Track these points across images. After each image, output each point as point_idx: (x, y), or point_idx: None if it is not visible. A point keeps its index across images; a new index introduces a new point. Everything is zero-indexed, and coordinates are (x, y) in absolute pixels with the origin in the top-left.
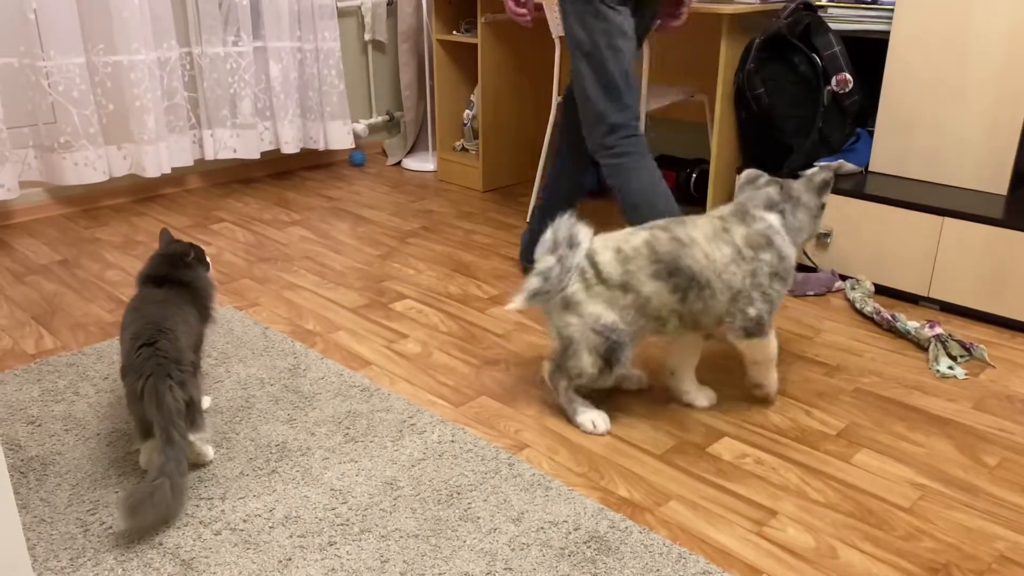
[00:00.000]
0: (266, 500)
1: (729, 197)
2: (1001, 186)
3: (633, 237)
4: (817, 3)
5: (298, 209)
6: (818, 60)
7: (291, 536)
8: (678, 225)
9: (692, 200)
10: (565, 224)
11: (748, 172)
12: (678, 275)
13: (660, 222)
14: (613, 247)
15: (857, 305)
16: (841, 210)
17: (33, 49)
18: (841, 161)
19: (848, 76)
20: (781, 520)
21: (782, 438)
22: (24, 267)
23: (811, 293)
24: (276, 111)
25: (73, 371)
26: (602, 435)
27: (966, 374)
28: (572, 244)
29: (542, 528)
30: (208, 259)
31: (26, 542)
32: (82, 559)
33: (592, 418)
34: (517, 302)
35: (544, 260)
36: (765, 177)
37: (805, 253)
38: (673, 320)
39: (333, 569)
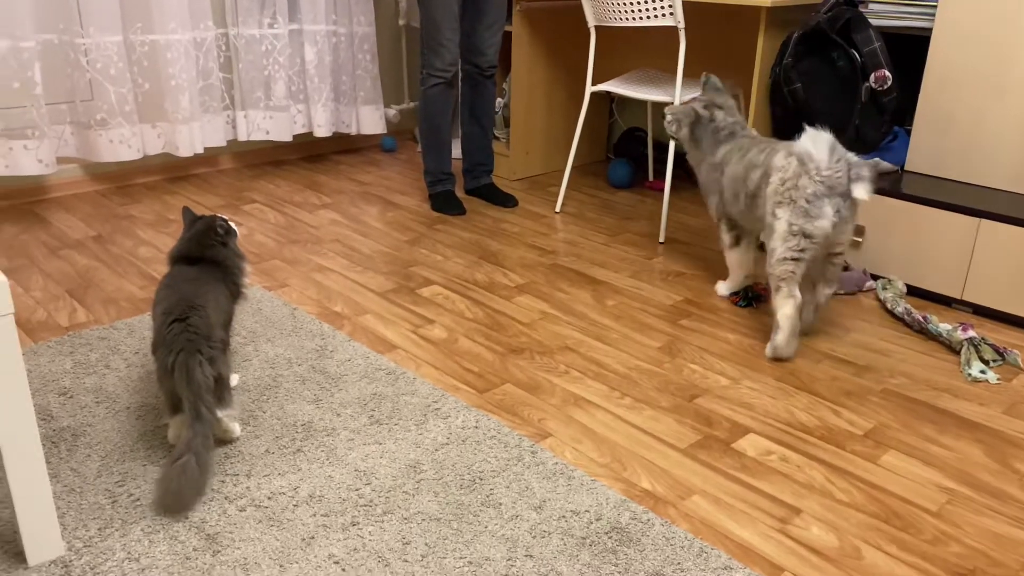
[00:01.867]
0: (291, 478)
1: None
2: None
3: None
4: None
5: (329, 192)
6: (857, 56)
7: (315, 515)
8: None
9: None
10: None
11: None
12: None
13: None
14: None
15: (888, 305)
16: (875, 209)
17: (73, 26)
18: (877, 159)
19: (887, 73)
20: (805, 519)
21: (808, 436)
22: (59, 241)
23: (842, 292)
24: (310, 94)
25: (104, 344)
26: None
27: (998, 379)
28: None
29: (563, 517)
30: (235, 228)
31: (56, 511)
32: (110, 529)
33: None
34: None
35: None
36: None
37: None
38: None
39: (355, 549)
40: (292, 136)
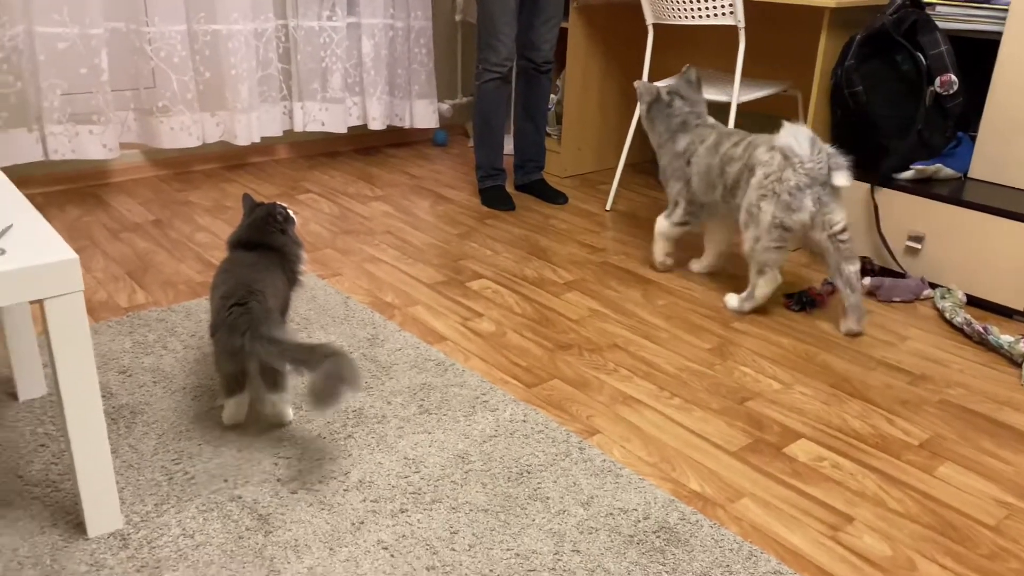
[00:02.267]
0: (341, 463)
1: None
2: None
3: None
4: (925, 0)
5: (381, 185)
6: (923, 59)
7: (364, 500)
8: None
9: None
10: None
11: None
12: None
13: None
14: None
15: (947, 315)
16: (936, 216)
17: (139, 15)
18: (939, 165)
19: (953, 77)
20: (857, 527)
21: (861, 444)
22: (120, 224)
23: (897, 299)
24: (365, 87)
25: (162, 326)
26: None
27: None
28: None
29: (611, 514)
30: (293, 216)
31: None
32: (166, 505)
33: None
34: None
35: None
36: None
37: (894, 258)
38: None
39: (404, 536)
40: (347, 128)
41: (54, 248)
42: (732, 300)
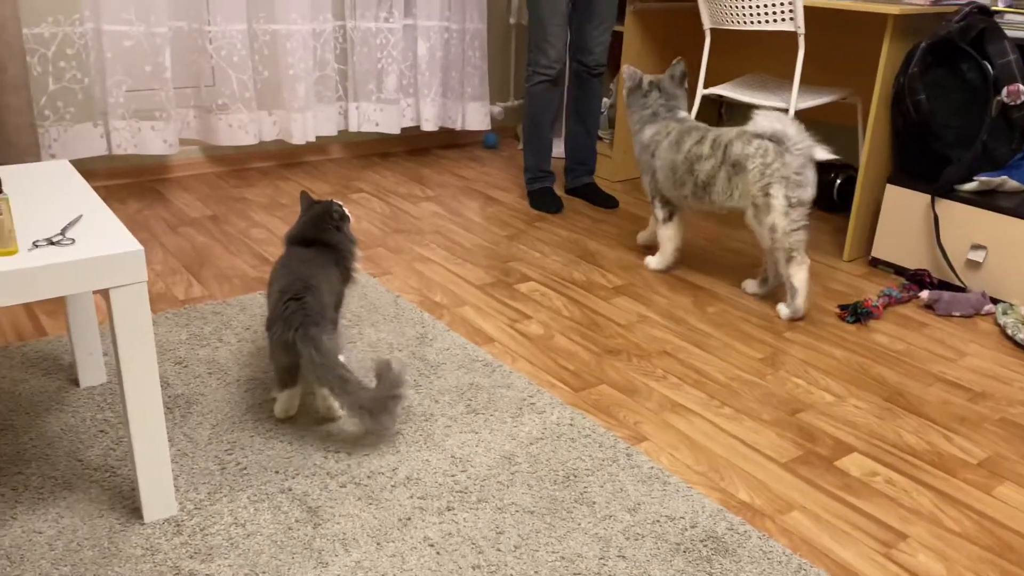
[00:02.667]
0: (390, 459)
1: (876, 207)
2: None
3: None
4: (994, 8)
5: (432, 185)
6: (989, 68)
7: (411, 496)
8: None
9: (833, 207)
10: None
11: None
12: None
13: None
14: None
15: (1008, 331)
16: (999, 229)
17: (201, 14)
18: (1004, 177)
19: (1022, 87)
20: (912, 545)
21: (917, 460)
22: (178, 219)
23: (957, 314)
24: (419, 88)
25: (218, 319)
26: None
27: None
28: None
29: (658, 521)
30: (348, 214)
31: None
32: (218, 495)
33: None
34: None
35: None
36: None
37: (954, 271)
38: None
39: (450, 534)
40: (400, 129)
41: (121, 240)
42: (784, 309)
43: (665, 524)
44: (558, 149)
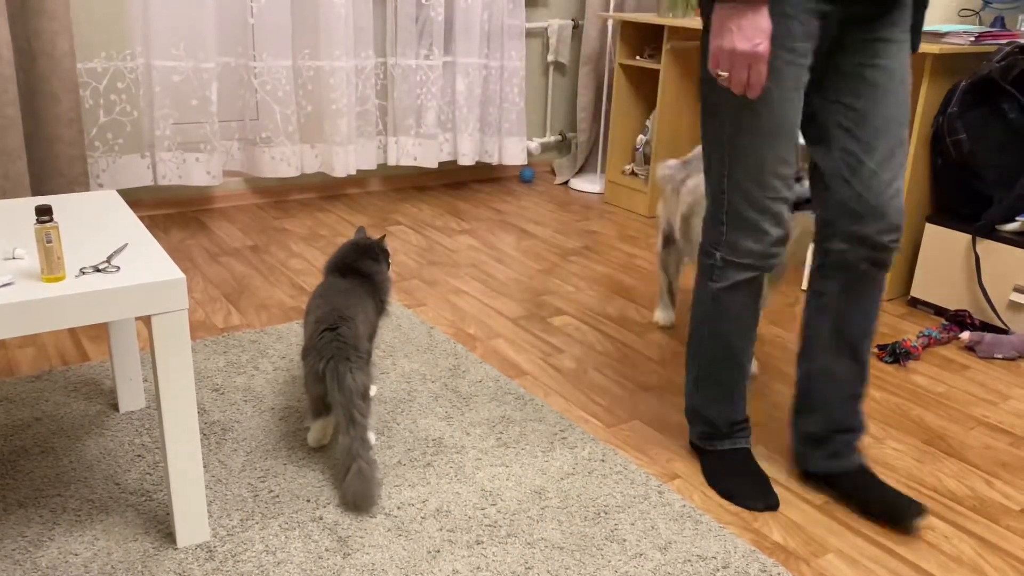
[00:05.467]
0: (420, 491)
1: (916, 246)
2: None
3: None
4: None
5: (468, 219)
6: None
7: (441, 529)
8: None
9: None
10: None
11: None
12: None
13: None
14: None
15: None
16: None
17: (248, 51)
18: None
19: None
20: None
21: (958, 506)
22: (219, 248)
23: (999, 356)
24: (457, 123)
25: (255, 347)
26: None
27: None
28: None
29: (689, 560)
30: (388, 251)
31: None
32: (251, 521)
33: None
34: None
35: None
36: None
37: (996, 313)
38: None
39: (479, 568)
40: (438, 163)
41: (164, 268)
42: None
43: (696, 564)
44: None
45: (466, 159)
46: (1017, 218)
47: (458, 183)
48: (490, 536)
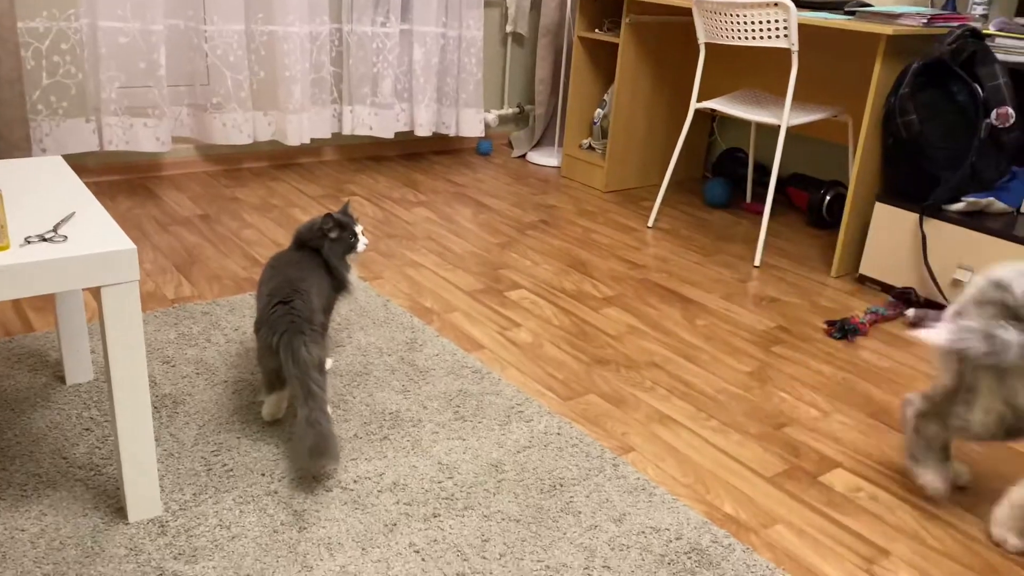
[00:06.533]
0: (376, 464)
1: (865, 225)
2: None
3: None
4: (985, 32)
5: (424, 191)
6: (980, 91)
7: (398, 502)
8: None
9: (823, 224)
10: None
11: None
12: None
13: None
14: None
15: None
16: (985, 250)
17: (198, 13)
18: (992, 199)
19: (1011, 111)
20: (894, 562)
21: (901, 478)
22: (169, 217)
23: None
24: (414, 93)
25: (207, 319)
26: (939, 494)
27: None
28: None
29: (643, 532)
30: (361, 236)
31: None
32: (204, 495)
33: (932, 479)
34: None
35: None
36: None
37: (940, 290)
38: None
39: (435, 540)
40: (394, 133)
41: (113, 238)
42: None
43: (650, 535)
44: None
45: (423, 130)
46: (963, 198)
47: (415, 154)
48: (447, 509)
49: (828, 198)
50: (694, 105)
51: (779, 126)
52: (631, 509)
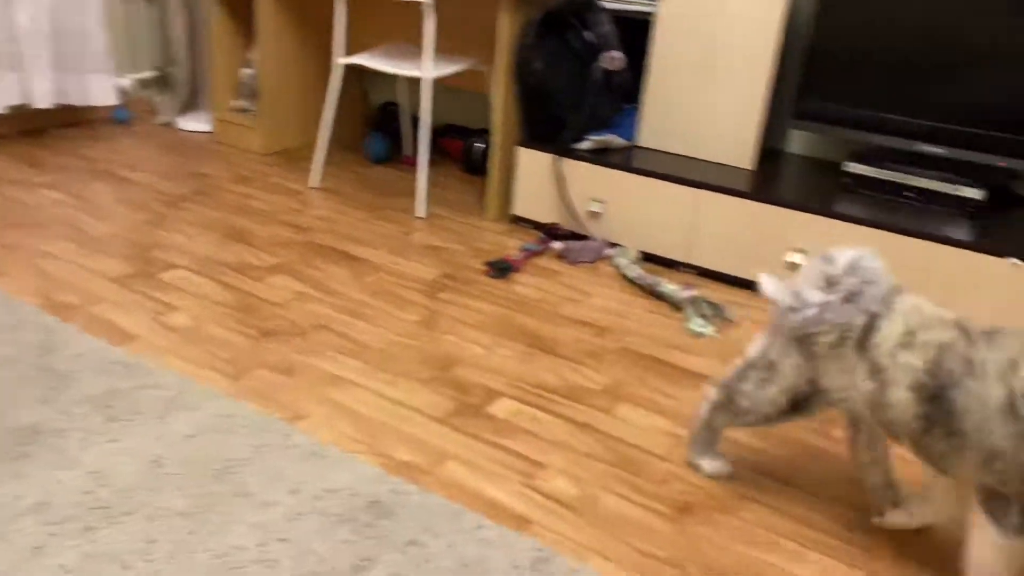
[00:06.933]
0: (13, 487)
1: (512, 169)
2: (748, 161)
3: (937, 329)
4: None
5: (50, 169)
6: (592, 38)
7: (44, 523)
8: (986, 341)
9: (477, 171)
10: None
11: None
12: (937, 404)
13: (970, 324)
14: (904, 323)
15: (623, 271)
16: (611, 182)
17: None
18: (611, 136)
19: (618, 54)
20: (549, 472)
21: (553, 395)
22: None
23: (584, 261)
24: (26, 61)
25: None
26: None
27: (716, 332)
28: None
29: (319, 497)
30: None
31: None
32: None
33: (720, 467)
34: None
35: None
36: None
37: (580, 223)
38: (906, 442)
39: (90, 555)
40: (7, 107)
41: None
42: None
43: (327, 499)
44: None
45: (43, 101)
46: (587, 137)
47: (36, 129)
48: (103, 519)
49: (477, 146)
50: (340, 61)
51: (419, 78)
52: (307, 477)
